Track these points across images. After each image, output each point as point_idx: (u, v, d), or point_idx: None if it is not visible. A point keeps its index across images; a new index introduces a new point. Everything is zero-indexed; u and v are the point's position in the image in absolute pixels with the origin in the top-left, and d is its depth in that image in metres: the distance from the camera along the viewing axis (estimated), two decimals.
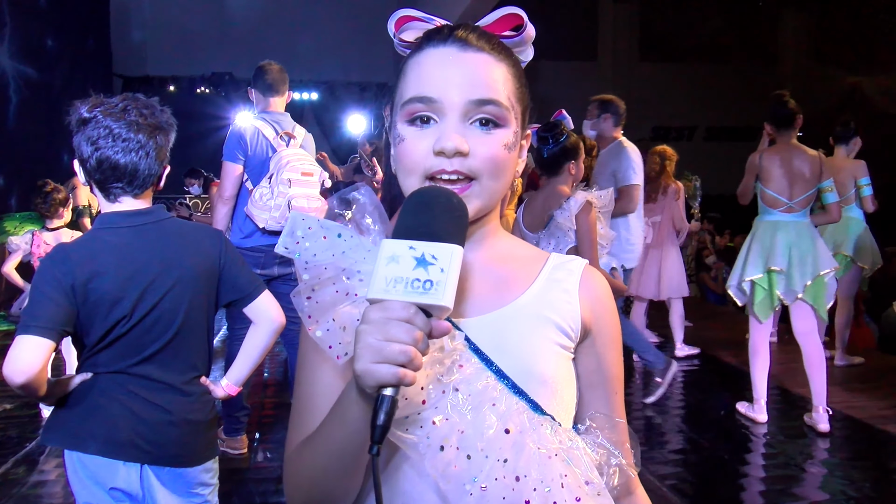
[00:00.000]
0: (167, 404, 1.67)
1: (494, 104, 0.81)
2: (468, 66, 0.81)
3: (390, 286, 0.68)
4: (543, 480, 0.77)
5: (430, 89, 0.81)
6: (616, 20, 13.56)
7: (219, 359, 4.96)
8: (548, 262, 0.92)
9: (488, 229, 0.90)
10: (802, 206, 3.73)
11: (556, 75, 12.12)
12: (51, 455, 3.50)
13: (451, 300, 0.68)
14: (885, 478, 3.33)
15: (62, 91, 8.20)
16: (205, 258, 1.74)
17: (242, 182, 3.41)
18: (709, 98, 12.85)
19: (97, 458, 1.62)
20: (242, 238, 3.40)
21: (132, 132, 1.63)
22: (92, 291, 1.58)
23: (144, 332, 1.64)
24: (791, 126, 3.78)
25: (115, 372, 1.64)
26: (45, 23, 8.40)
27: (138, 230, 1.67)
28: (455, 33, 0.83)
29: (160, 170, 1.71)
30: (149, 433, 1.64)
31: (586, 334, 0.90)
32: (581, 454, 0.81)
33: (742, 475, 3.35)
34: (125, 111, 1.64)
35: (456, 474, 0.75)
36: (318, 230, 0.79)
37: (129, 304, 1.61)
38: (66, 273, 1.57)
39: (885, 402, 4.24)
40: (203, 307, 1.75)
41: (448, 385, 0.77)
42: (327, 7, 11.38)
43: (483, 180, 0.81)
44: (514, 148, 0.85)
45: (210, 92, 11.17)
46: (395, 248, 0.69)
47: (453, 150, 0.79)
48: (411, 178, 0.82)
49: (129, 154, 1.63)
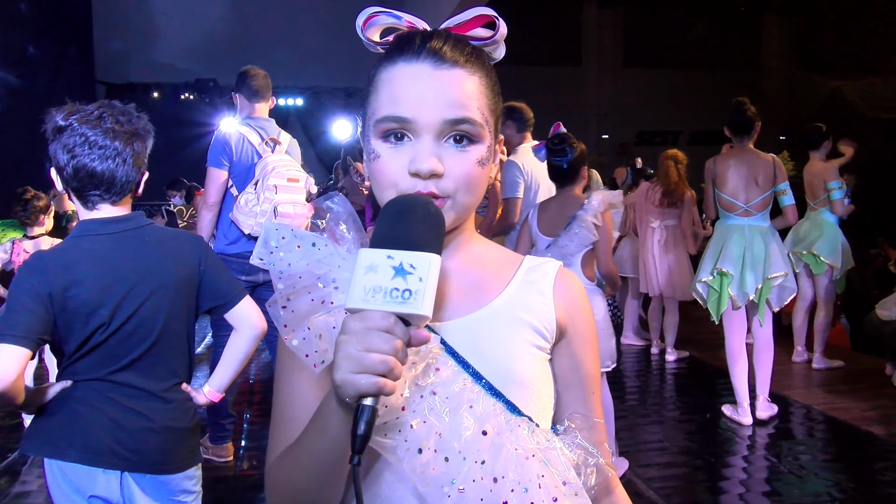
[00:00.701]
0: (148, 411, 1.66)
1: (469, 122, 0.81)
2: (442, 85, 0.81)
3: (369, 296, 0.68)
4: (521, 481, 0.77)
5: (404, 109, 0.80)
6: (600, 26, 13.64)
7: (204, 365, 4.94)
8: (522, 264, 0.92)
9: (464, 237, 0.91)
10: (759, 210, 3.82)
11: (540, 80, 12.17)
12: (33, 465, 3.46)
13: (430, 309, 0.68)
14: (869, 479, 3.36)
15: (44, 98, 8.12)
16: (184, 265, 1.74)
17: (227, 188, 3.39)
18: (692, 103, 12.94)
19: (77, 466, 1.61)
20: (227, 244, 3.38)
21: (108, 139, 1.62)
22: (70, 300, 1.57)
23: (123, 339, 1.64)
24: (748, 132, 3.89)
25: (94, 379, 1.63)
26: (26, 30, 8.35)
27: (117, 237, 1.66)
28: (428, 45, 0.81)
29: (138, 176, 1.70)
30: (129, 440, 1.63)
31: (562, 335, 0.90)
32: (558, 454, 0.82)
33: (727, 477, 3.37)
34: (101, 118, 1.62)
35: (434, 477, 0.75)
36: (293, 240, 0.80)
37: (108, 311, 1.61)
38: (42, 282, 1.56)
39: (867, 403, 4.28)
40: (183, 314, 1.74)
41: (425, 388, 0.77)
42: (312, 12, 11.37)
43: (457, 197, 0.82)
44: (487, 162, 0.85)
45: (194, 98, 11.12)
46: (373, 257, 0.70)
47: (428, 173, 0.79)
48: (387, 193, 0.82)
49: (106, 161, 1.62)
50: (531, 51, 11.97)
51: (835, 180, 4.79)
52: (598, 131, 13.35)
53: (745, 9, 13.46)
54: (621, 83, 13.52)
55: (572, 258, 3.04)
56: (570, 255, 3.03)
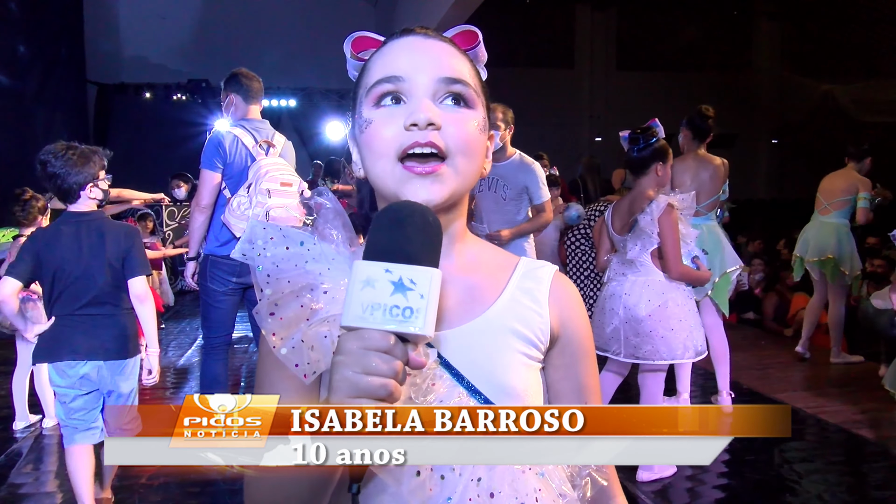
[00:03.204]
0: (104, 325, 2.69)
1: (462, 83, 0.81)
2: (434, 50, 0.82)
3: (367, 313, 0.64)
4: (517, 496, 0.76)
5: (398, 69, 0.80)
6: (593, 29, 13.67)
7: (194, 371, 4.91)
8: (517, 268, 0.90)
9: (456, 228, 0.87)
10: (708, 210, 4.02)
11: (533, 82, 12.19)
12: (20, 470, 3.45)
13: (433, 328, 0.65)
14: (859, 482, 3.36)
15: (34, 98, 8.09)
16: (117, 246, 2.70)
17: (220, 190, 3.37)
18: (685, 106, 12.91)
19: (68, 361, 2.65)
20: (218, 246, 3.35)
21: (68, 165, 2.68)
22: (45, 261, 2.65)
23: (77, 289, 2.66)
24: (705, 138, 4.10)
25: (67, 314, 2.67)
26: (16, 29, 8.27)
27: (79, 224, 2.69)
28: (416, 28, 0.84)
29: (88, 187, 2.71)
30: (96, 342, 2.67)
31: (554, 342, 0.88)
32: (554, 467, 0.80)
33: (717, 481, 3.36)
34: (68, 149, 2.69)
35: (430, 497, 0.74)
36: (280, 239, 0.76)
37: (65, 271, 2.64)
38: (34, 245, 2.68)
39: (857, 406, 4.28)
40: (117, 274, 2.71)
41: (421, 404, 0.75)
42: (305, 14, 11.36)
43: (456, 158, 0.79)
44: (483, 131, 0.83)
45: (186, 99, 11.07)
46: (369, 270, 0.65)
47: (426, 122, 0.77)
48: (382, 161, 0.80)
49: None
50: (525, 53, 12.00)
51: (867, 192, 4.98)
52: (591, 133, 13.38)
53: (737, 13, 13.53)
54: (614, 86, 13.54)
55: (639, 259, 3.08)
56: (636, 257, 3.08)
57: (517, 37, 11.73)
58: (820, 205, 5.12)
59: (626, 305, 3.09)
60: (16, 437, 3.91)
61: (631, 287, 3.10)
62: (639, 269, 3.10)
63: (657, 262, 3.09)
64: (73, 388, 2.67)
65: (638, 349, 3.08)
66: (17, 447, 3.78)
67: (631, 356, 3.11)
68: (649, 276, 3.09)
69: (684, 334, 3.07)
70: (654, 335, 3.04)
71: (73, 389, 2.68)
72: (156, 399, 4.61)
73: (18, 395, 4.01)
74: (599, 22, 13.68)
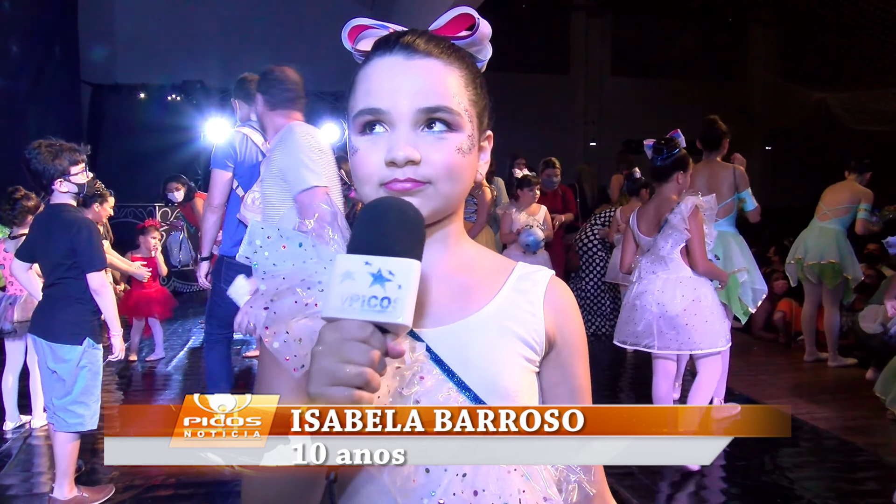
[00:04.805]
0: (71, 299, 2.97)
1: (444, 111, 0.80)
2: (415, 74, 0.80)
3: (346, 304, 0.66)
4: (501, 496, 0.76)
5: (378, 100, 0.80)
6: (588, 34, 13.71)
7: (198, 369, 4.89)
8: (513, 272, 0.90)
9: (449, 232, 0.88)
10: (722, 216, 4.10)
11: (528, 88, 12.21)
12: (9, 471, 3.43)
13: (410, 318, 0.66)
14: (850, 489, 3.37)
15: (27, 98, 8.04)
16: (70, 236, 2.91)
17: (232, 189, 3.40)
18: (679, 112, 13.02)
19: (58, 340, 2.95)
20: (233, 246, 3.35)
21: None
22: (32, 242, 3.09)
23: (48, 268, 2.99)
24: (718, 147, 4.27)
25: (47, 286, 3.03)
26: (9, 28, 8.23)
27: (51, 215, 3.01)
28: (401, 40, 0.82)
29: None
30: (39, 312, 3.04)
31: (551, 347, 0.89)
32: (540, 470, 0.80)
33: (708, 487, 3.37)
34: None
35: (414, 489, 0.74)
36: (278, 239, 0.78)
37: (39, 253, 3.03)
38: (32, 228, 3.20)
39: (848, 412, 4.31)
40: (72, 261, 2.94)
41: (408, 398, 0.76)
42: (300, 16, 11.35)
43: (438, 185, 0.80)
44: (469, 151, 0.83)
45: (181, 100, 11.03)
46: (349, 263, 0.67)
47: (404, 160, 0.78)
48: (366, 187, 0.81)
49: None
50: (519, 58, 12.01)
51: (869, 203, 5.13)
52: (585, 139, 13.41)
53: (731, 20, 13.60)
54: (609, 91, 13.58)
55: (670, 256, 3.33)
56: (667, 254, 3.34)
57: (512, 42, 11.74)
58: (820, 211, 5.24)
59: (660, 302, 3.35)
60: (5, 437, 3.89)
61: (664, 284, 3.36)
62: (669, 266, 3.37)
63: (685, 259, 3.35)
64: None
65: (674, 341, 3.36)
66: (6, 448, 3.76)
67: (666, 347, 3.39)
68: (679, 272, 3.37)
69: (717, 324, 3.38)
70: (690, 327, 3.32)
71: None
72: (148, 399, 4.59)
73: (7, 396, 3.98)
74: (594, 28, 13.72)
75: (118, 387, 5.03)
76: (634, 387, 5.05)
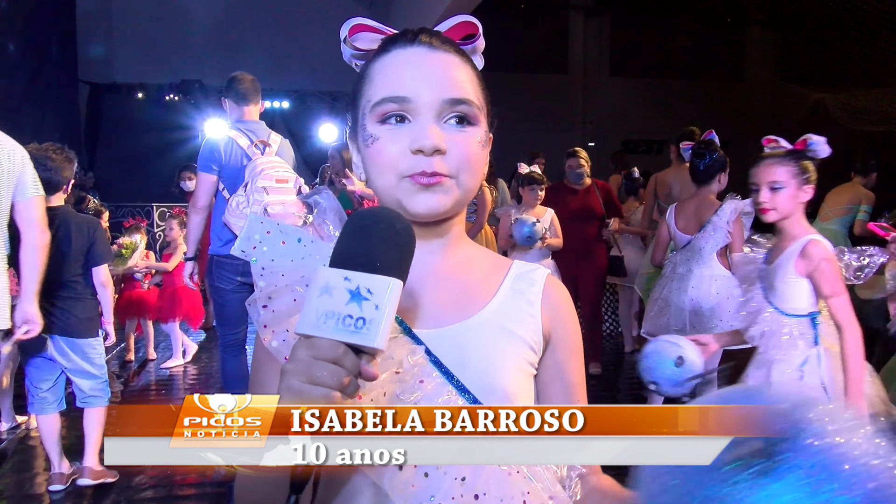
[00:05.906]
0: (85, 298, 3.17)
1: (467, 104, 0.81)
2: (439, 66, 0.81)
3: (321, 321, 0.63)
4: (503, 498, 0.76)
5: (403, 89, 0.79)
6: (587, 35, 13.72)
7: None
8: (510, 270, 0.91)
9: (453, 231, 0.88)
10: None
11: (527, 88, 12.22)
12: (4, 472, 3.43)
13: (384, 342, 0.64)
14: None
15: (24, 96, 8.03)
16: (82, 235, 3.12)
17: (219, 191, 3.42)
18: (678, 112, 13.03)
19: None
20: (221, 246, 3.39)
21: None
22: None
23: (59, 268, 3.02)
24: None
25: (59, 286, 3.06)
26: (6, 26, 8.22)
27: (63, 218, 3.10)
28: (420, 37, 0.82)
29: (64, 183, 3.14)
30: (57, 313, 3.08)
31: (546, 345, 0.89)
32: (543, 469, 0.80)
33: None
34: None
35: (414, 493, 0.74)
36: (277, 235, 0.77)
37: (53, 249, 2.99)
38: None
39: None
40: (83, 260, 3.14)
41: (408, 403, 0.75)
42: (298, 15, 11.34)
43: (461, 177, 0.80)
44: (485, 146, 0.84)
45: (179, 99, 11.02)
46: (329, 277, 0.64)
47: (432, 148, 0.77)
48: (385, 176, 0.80)
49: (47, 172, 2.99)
50: (518, 58, 12.01)
51: (869, 205, 5.24)
52: (583, 139, 13.41)
53: (730, 20, 13.61)
54: (607, 92, 13.59)
55: (707, 254, 3.40)
56: (707, 254, 3.42)
57: (511, 42, 11.75)
58: (822, 212, 5.33)
59: (693, 297, 3.42)
60: (1, 438, 3.88)
61: (698, 281, 3.42)
62: (705, 263, 3.43)
63: (722, 259, 3.42)
64: None
65: (704, 329, 3.35)
66: (1, 448, 3.75)
67: None
68: (714, 270, 3.42)
69: None
70: (722, 322, 3.34)
71: None
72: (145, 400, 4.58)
73: (3, 396, 3.97)
74: (593, 28, 13.73)
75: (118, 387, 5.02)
76: (634, 387, 5.05)
